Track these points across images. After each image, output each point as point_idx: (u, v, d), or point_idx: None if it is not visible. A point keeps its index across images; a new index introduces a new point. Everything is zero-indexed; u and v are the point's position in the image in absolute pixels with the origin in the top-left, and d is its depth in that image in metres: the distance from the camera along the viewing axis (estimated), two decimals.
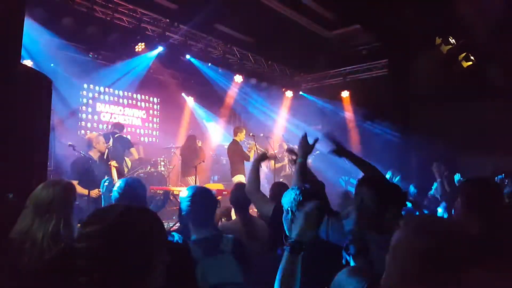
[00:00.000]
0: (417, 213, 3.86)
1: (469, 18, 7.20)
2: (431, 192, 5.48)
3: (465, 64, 8.31)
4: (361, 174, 2.52)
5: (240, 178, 7.00)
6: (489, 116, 8.12)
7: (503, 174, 4.86)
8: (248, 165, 7.23)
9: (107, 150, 5.92)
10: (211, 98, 10.90)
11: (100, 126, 9.54)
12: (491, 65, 8.07)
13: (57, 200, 2.17)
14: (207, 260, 2.16)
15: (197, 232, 2.27)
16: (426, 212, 4.37)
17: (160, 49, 8.70)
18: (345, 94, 10.91)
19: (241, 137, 7.62)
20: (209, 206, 2.35)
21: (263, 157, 3.35)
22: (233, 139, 7.62)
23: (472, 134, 8.15)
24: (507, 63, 7.64)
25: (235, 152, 7.47)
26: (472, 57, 8.25)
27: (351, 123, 10.71)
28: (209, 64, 9.76)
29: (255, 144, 7.81)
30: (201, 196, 2.33)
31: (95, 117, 9.57)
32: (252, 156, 7.45)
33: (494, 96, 8.10)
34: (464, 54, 8.26)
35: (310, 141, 2.72)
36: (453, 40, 8.14)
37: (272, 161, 8.91)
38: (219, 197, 5.39)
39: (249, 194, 2.98)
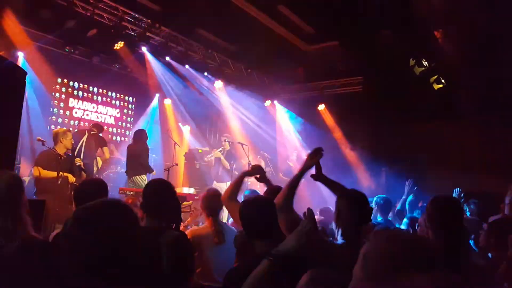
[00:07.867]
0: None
1: (442, 43, 7.52)
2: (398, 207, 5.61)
3: (436, 86, 8.63)
4: None
5: None
6: (456, 136, 8.48)
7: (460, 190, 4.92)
8: None
9: (78, 147, 5.75)
10: (189, 101, 10.82)
11: (72, 122, 9.32)
12: (460, 88, 8.42)
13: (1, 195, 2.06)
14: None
15: None
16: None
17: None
18: (321, 107, 11.09)
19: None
20: None
21: (252, 172, 3.12)
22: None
23: (438, 153, 8.48)
24: (474, 87, 8.01)
25: None
26: (443, 80, 8.58)
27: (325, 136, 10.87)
28: (188, 67, 9.72)
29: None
30: None
31: (67, 112, 9.34)
32: None
33: (461, 118, 8.46)
34: (435, 76, 8.58)
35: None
36: (426, 63, 8.45)
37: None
38: (190, 202, 5.36)
39: (225, 201, 2.88)
